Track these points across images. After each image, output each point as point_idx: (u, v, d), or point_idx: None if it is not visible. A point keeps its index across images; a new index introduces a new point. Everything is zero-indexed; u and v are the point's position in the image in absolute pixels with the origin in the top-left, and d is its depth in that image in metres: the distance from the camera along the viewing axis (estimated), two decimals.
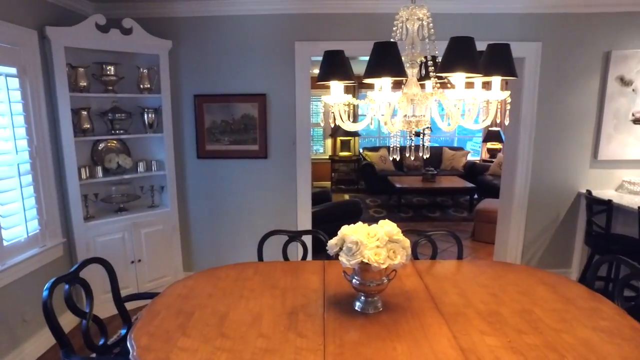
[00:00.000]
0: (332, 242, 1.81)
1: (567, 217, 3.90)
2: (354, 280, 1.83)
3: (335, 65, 1.57)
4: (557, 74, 3.64)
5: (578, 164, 3.80)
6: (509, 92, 1.53)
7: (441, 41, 1.57)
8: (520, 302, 1.92)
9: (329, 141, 9.19)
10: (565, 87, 3.66)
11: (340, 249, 1.78)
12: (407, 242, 1.78)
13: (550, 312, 1.83)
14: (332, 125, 1.75)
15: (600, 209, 3.36)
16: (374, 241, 1.69)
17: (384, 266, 1.66)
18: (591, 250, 3.51)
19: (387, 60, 1.39)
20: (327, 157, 9.12)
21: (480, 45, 1.53)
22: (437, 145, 9.68)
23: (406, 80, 1.64)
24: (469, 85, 1.53)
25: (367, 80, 1.52)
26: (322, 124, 8.77)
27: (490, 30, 3.52)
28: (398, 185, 6.82)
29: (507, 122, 1.89)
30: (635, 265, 2.00)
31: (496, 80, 1.49)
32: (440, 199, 7.77)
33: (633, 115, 3.67)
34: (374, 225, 1.79)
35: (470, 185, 6.92)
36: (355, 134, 8.85)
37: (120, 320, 2.18)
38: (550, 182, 3.82)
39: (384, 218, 1.94)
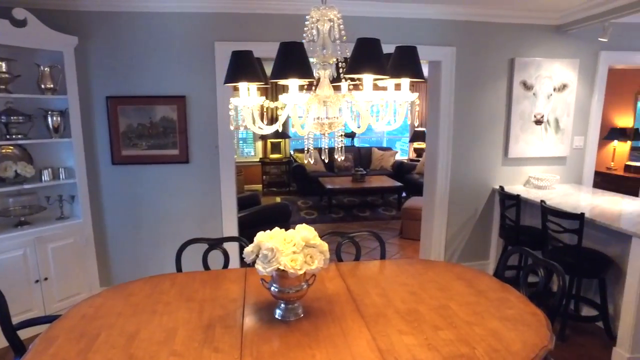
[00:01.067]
0: (248, 250, 1.74)
1: (484, 212, 4.14)
2: (272, 288, 1.78)
3: (243, 66, 1.51)
4: (471, 77, 3.85)
5: (492, 162, 4.05)
6: (417, 94, 1.56)
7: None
8: (438, 299, 1.97)
9: (259, 143, 9.06)
10: (478, 90, 3.89)
11: (257, 256, 1.71)
12: (324, 246, 1.75)
13: (464, 305, 1.90)
14: (232, 128, 1.68)
15: (511, 204, 3.60)
16: (290, 247, 1.65)
17: (300, 272, 1.63)
18: (504, 241, 3.75)
19: (293, 60, 1.36)
20: (258, 159, 8.99)
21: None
22: (367, 145, 9.93)
23: (319, 81, 1.62)
24: (385, 87, 1.54)
25: (282, 82, 1.48)
26: (232, 128, 8.59)
27: (407, 34, 3.64)
28: (329, 186, 6.88)
29: (416, 124, 1.93)
30: (536, 255, 2.15)
31: (405, 82, 1.51)
32: (370, 198, 7.95)
33: (534, 116, 3.99)
34: (290, 231, 1.75)
35: (398, 184, 7.16)
36: (285, 135, 8.81)
37: (12, 352, 1.94)
38: (468, 180, 4.03)
39: (315, 220, 1.90)
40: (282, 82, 1.48)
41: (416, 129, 8.97)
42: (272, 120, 1.65)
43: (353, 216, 6.71)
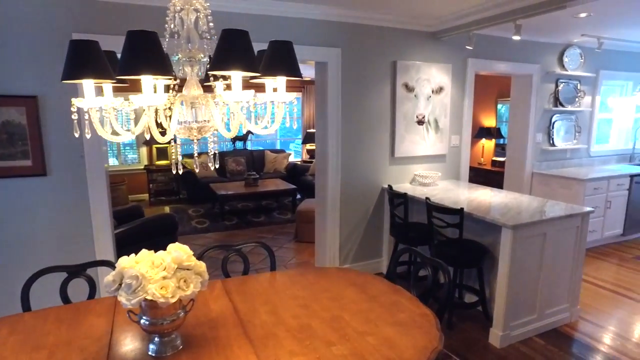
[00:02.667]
0: (109, 279, 1.46)
1: (375, 211, 4.23)
2: (142, 321, 1.51)
3: (85, 59, 1.23)
4: (357, 79, 3.90)
5: (380, 162, 4.15)
6: (294, 95, 1.43)
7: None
8: (330, 310, 1.88)
9: (144, 149, 8.33)
10: (365, 91, 3.95)
11: (120, 285, 1.44)
12: (201, 267, 1.54)
13: (357, 314, 1.83)
14: (77, 135, 1.39)
15: (399, 202, 3.71)
16: (159, 272, 1.41)
17: (173, 300, 1.40)
18: (395, 239, 3.86)
19: (145, 53, 1.13)
20: (143, 167, 8.26)
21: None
22: (260, 148, 9.73)
23: (184, 80, 1.41)
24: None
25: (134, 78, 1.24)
26: (76, 135, 7.84)
27: (291, 34, 3.55)
28: (220, 193, 6.55)
29: (295, 127, 1.82)
30: (423, 255, 2.18)
31: (281, 80, 1.38)
32: (265, 202, 7.78)
33: (417, 117, 4.19)
34: (160, 252, 1.50)
35: (292, 186, 7.09)
36: (174, 140, 8.20)
37: None
38: (358, 180, 4.08)
39: (207, 228, 1.67)
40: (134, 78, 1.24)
41: (309, 130, 9.03)
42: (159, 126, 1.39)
43: (247, 222, 6.47)
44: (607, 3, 3.47)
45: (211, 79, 1.43)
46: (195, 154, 1.50)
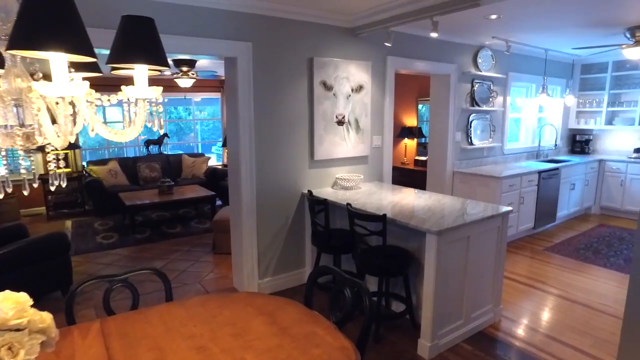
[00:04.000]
0: None
1: (296, 218, 3.95)
2: None
3: None
4: (272, 76, 3.59)
5: (299, 165, 3.88)
6: (160, 89, 1.08)
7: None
8: (232, 351, 1.55)
9: (39, 156, 7.32)
10: (280, 89, 3.66)
11: None
12: (44, 321, 1.14)
13: (265, 354, 1.52)
14: None
15: (320, 208, 3.46)
16: None
17: None
18: (317, 248, 3.60)
19: None
20: (38, 175, 7.26)
21: (184, 41, 1.10)
22: (178, 152, 9.07)
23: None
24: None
25: None
26: None
27: (197, 25, 3.15)
28: (129, 203, 5.89)
29: (162, 131, 1.46)
30: (342, 275, 1.93)
31: (141, 70, 1.03)
32: (183, 210, 7.20)
33: (336, 117, 3.98)
34: None
35: (211, 193, 6.61)
36: (75, 145, 7.33)
37: None
38: (275, 186, 3.77)
39: (115, 243, 1.25)
40: None
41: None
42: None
43: (162, 234, 5.89)
44: (516, 4, 3.51)
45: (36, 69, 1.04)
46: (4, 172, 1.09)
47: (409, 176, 6.18)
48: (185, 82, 6.19)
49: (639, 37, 4.59)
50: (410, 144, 6.84)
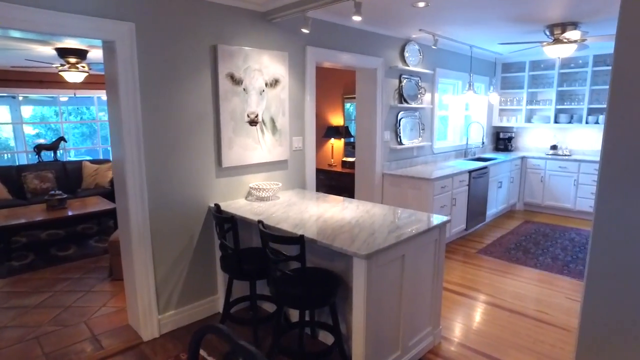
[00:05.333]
0: None
1: (204, 237, 3.31)
2: None
3: None
4: (165, 67, 2.91)
5: (204, 174, 3.24)
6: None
7: None
8: None
9: None
10: (177, 83, 2.99)
11: None
12: None
13: None
14: None
15: (229, 227, 2.86)
16: None
17: None
18: (228, 274, 3.00)
19: None
20: None
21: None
22: (78, 159, 7.93)
23: None
24: None
25: None
26: None
27: None
28: (1, 224, 4.82)
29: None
30: (234, 340, 1.36)
31: None
32: (82, 227, 6.18)
33: (248, 116, 3.39)
34: None
35: (113, 205, 5.69)
36: None
37: None
38: (175, 201, 3.10)
39: None
40: None
41: None
42: None
43: (49, 258, 4.91)
44: None
45: None
46: None
47: (337, 179, 5.75)
48: (73, 77, 5.23)
49: (558, 35, 4.52)
50: (337, 144, 6.42)
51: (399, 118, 5.02)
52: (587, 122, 6.40)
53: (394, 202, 4.80)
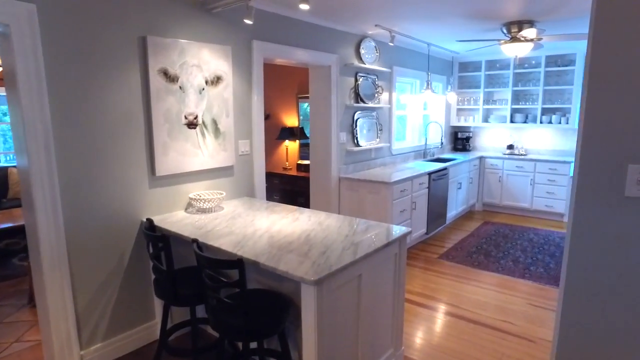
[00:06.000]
0: None
1: (136, 255, 2.88)
2: None
3: None
4: (80, 59, 2.47)
5: (135, 185, 2.82)
6: None
7: None
8: None
9: None
10: (98, 79, 2.56)
11: None
12: None
13: None
14: None
15: (161, 246, 2.46)
16: None
17: None
18: (163, 301, 2.60)
19: None
20: None
21: None
22: (2, 165, 7.15)
23: None
24: None
25: None
26: None
27: None
28: None
29: None
30: None
31: None
32: (6, 242, 5.50)
33: (185, 117, 3.00)
34: None
35: None
36: None
37: None
38: (99, 216, 2.66)
39: None
40: None
41: None
42: None
43: None
44: None
45: None
46: None
47: (292, 183, 5.43)
48: None
49: (515, 33, 4.41)
50: (292, 146, 6.09)
51: (355, 118, 4.76)
52: (541, 122, 6.42)
53: (352, 207, 4.53)
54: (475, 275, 4.23)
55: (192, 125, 3.03)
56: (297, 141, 5.97)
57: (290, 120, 6.12)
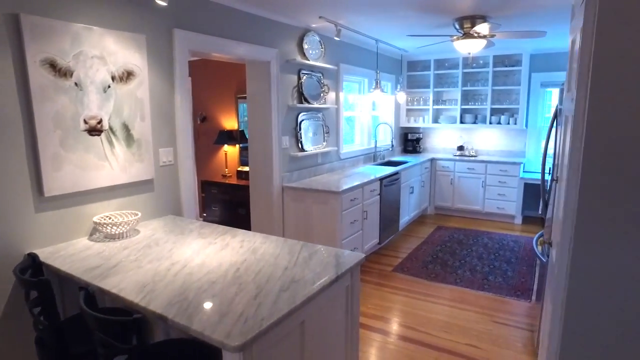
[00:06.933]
0: None
1: (15, 301, 2.24)
2: None
3: None
4: None
5: (13, 208, 2.18)
6: None
7: None
8: None
9: None
10: None
11: None
12: None
13: None
14: None
15: (35, 295, 1.86)
16: None
17: None
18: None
19: None
20: None
21: None
22: None
23: None
24: None
25: None
26: None
27: None
28: None
29: None
30: None
31: None
32: None
33: (86, 122, 2.40)
34: None
35: None
36: None
37: None
38: None
39: None
40: None
41: None
42: None
43: None
44: None
45: None
46: None
47: (232, 193, 4.88)
48: None
49: (467, 28, 4.15)
50: (231, 151, 5.53)
51: (299, 120, 4.30)
52: (490, 123, 6.30)
53: (297, 220, 4.07)
54: (433, 289, 3.91)
55: (95, 131, 2.44)
56: (237, 145, 5.43)
57: (229, 122, 5.56)
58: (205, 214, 5.25)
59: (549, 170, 2.86)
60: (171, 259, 2.08)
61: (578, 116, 1.48)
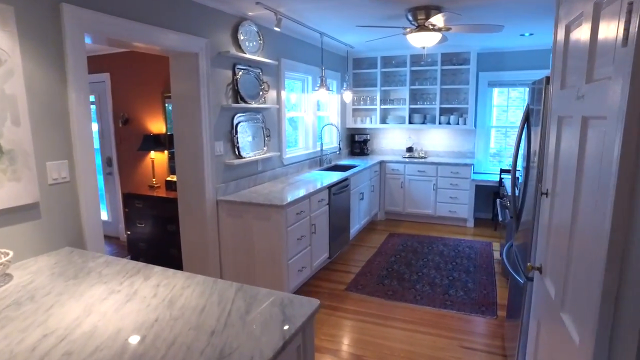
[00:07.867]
0: None
1: None
2: None
3: None
4: None
5: None
6: None
7: None
8: None
9: None
10: None
11: None
12: None
13: None
14: None
15: None
16: None
17: None
18: None
19: None
20: None
21: None
22: None
23: None
24: None
25: None
26: None
27: None
28: None
29: None
30: None
31: None
32: None
33: None
34: None
35: None
36: None
37: None
38: None
39: None
40: None
41: None
42: None
43: None
44: None
45: None
46: None
47: (161, 207, 4.19)
48: None
49: (422, 20, 3.78)
50: (159, 158, 4.82)
51: (235, 123, 3.72)
52: (439, 123, 6.07)
53: (235, 239, 3.49)
54: (391, 309, 3.50)
55: None
56: (166, 152, 4.72)
57: (156, 125, 4.83)
58: (129, 232, 4.51)
59: (518, 175, 2.53)
60: (46, 326, 1.45)
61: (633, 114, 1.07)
